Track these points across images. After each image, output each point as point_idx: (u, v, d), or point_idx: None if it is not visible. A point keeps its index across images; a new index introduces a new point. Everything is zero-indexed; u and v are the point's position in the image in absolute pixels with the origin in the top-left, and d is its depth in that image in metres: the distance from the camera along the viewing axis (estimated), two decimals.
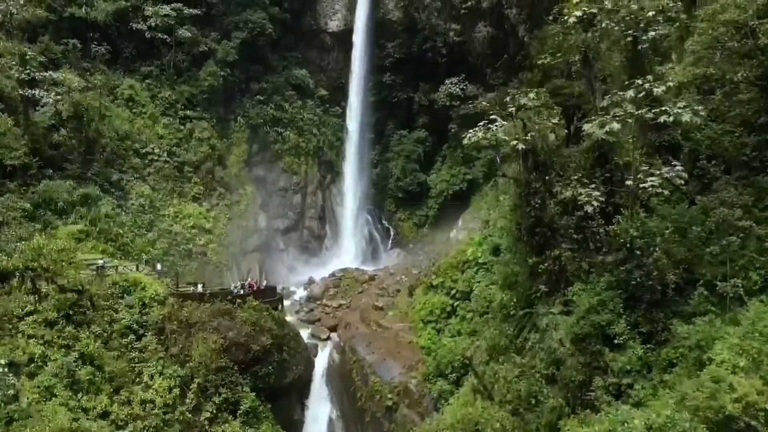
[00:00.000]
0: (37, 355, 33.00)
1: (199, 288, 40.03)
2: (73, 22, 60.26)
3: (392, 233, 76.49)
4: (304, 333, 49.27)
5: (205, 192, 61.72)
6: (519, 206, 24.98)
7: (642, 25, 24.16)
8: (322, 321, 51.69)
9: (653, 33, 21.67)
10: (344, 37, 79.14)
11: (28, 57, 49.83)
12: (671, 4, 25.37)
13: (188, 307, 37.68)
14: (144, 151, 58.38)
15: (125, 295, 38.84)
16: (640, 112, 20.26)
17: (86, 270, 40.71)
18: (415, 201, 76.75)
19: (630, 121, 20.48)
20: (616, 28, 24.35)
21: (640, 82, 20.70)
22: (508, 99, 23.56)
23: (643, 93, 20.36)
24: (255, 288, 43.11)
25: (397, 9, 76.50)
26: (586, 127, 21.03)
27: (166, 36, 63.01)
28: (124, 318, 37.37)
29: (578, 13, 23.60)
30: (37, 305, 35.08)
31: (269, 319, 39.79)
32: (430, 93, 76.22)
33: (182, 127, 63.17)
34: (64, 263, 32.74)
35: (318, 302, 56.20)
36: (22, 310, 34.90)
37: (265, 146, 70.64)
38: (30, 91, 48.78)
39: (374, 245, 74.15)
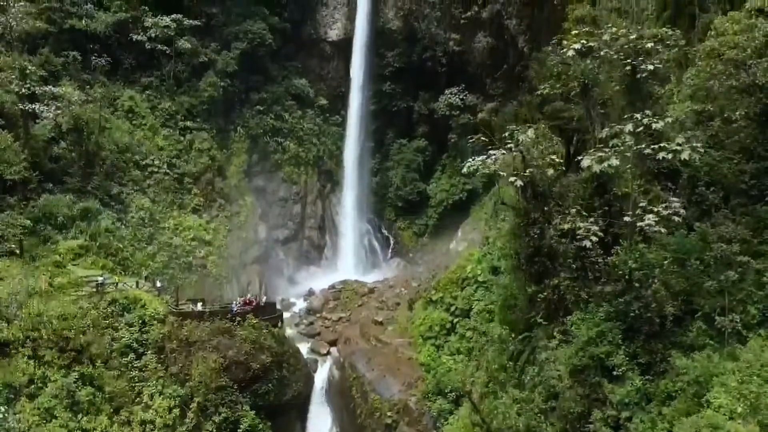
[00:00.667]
0: (37, 377, 33.08)
1: (199, 306, 40.07)
2: (73, 34, 60.22)
3: (392, 242, 76.62)
4: (304, 347, 49.36)
5: (205, 203, 61.75)
6: (517, 235, 25.03)
7: (641, 55, 24.23)
8: (322, 335, 51.76)
9: (652, 66, 21.71)
10: (344, 46, 79.24)
11: (28, 71, 49.77)
12: (670, 33, 25.47)
13: (188, 326, 37.74)
14: (144, 163, 58.38)
15: (125, 313, 38.94)
16: (639, 147, 20.32)
17: (86, 287, 41.08)
18: (414, 210, 76.91)
19: (628, 155, 20.53)
20: (615, 56, 24.39)
21: (638, 116, 20.75)
22: (506, 135, 23.59)
23: (642, 128, 20.41)
24: (255, 304, 43.07)
25: (396, 18, 76.58)
26: (585, 161, 21.11)
27: (165, 47, 63.02)
28: (124, 337, 37.48)
29: (577, 46, 23.65)
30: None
31: (269, 336, 39.82)
32: (429, 102, 76.41)
33: (182, 138, 63.18)
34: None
35: (318, 315, 56.28)
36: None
37: (265, 156, 70.70)
38: (30, 105, 48.71)
39: (374, 255, 74.26)
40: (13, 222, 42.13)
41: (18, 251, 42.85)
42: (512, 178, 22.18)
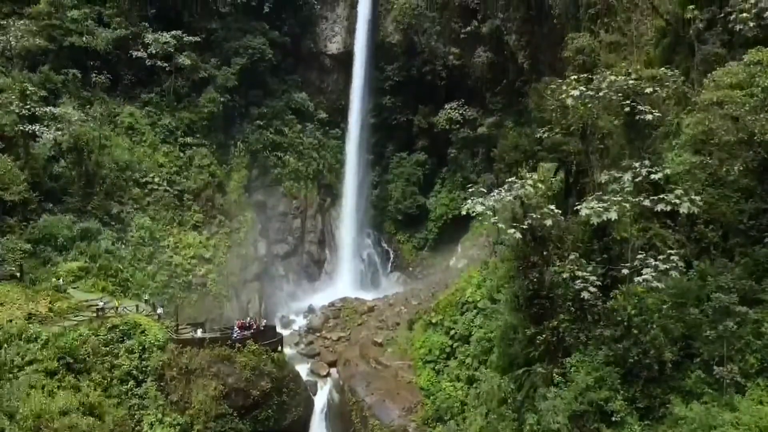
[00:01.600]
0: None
1: (199, 333, 40.11)
2: (73, 51, 60.24)
3: (392, 256, 76.65)
4: (304, 368, 49.39)
5: (205, 220, 61.79)
6: (516, 276, 25.08)
7: (639, 96, 24.31)
8: (322, 356, 51.77)
9: (651, 116, 21.80)
10: (344, 60, 79.37)
11: (28, 92, 49.80)
12: (669, 74, 25.55)
13: (188, 353, 37.76)
14: (144, 180, 58.42)
15: (125, 339, 38.94)
16: (637, 199, 20.39)
17: (86, 311, 41.12)
18: (414, 224, 76.97)
19: (626, 205, 20.58)
20: (614, 97, 24.46)
21: (637, 165, 20.80)
22: (506, 186, 23.64)
23: (640, 178, 20.48)
24: (255, 327, 43.12)
25: (396, 32, 76.61)
26: (584, 211, 21.16)
27: (166, 64, 63.05)
28: (124, 364, 37.45)
29: (575, 93, 23.70)
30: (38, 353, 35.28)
31: (269, 362, 39.89)
32: (429, 116, 76.49)
33: (182, 154, 63.22)
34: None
35: (317, 334, 56.28)
36: (22, 359, 35.10)
37: (264, 171, 70.75)
38: (30, 126, 48.80)
39: (374, 269, 74.29)
40: (13, 246, 42.16)
41: (18, 274, 42.92)
42: (511, 230, 22.24)
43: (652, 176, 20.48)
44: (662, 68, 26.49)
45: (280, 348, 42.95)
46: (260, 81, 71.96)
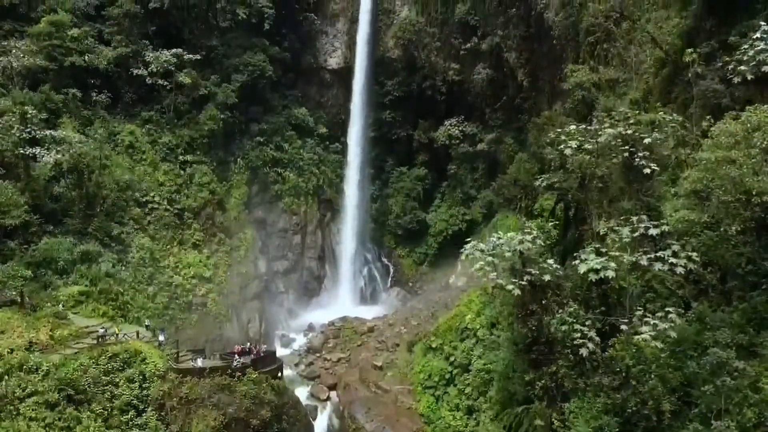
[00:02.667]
0: None
1: (199, 363, 40.13)
2: (74, 70, 60.30)
3: (392, 270, 76.77)
4: (304, 391, 49.47)
5: (205, 238, 61.90)
6: (515, 324, 25.17)
7: (638, 142, 24.41)
8: (322, 378, 51.83)
9: (649, 170, 21.94)
10: (344, 74, 79.55)
11: (29, 116, 49.89)
12: (668, 118, 25.65)
13: (188, 383, 37.78)
14: (144, 199, 58.56)
15: (126, 368, 39.00)
16: (635, 258, 20.50)
17: (87, 338, 41.22)
18: (414, 238, 77.08)
19: (624, 260, 20.70)
20: (613, 142, 24.57)
21: (635, 220, 20.92)
22: (504, 242, 23.72)
23: (639, 233, 20.59)
24: (255, 352, 43.20)
25: (396, 47, 76.71)
26: (582, 267, 21.28)
27: (166, 82, 63.08)
28: (124, 393, 37.48)
29: (574, 144, 23.81)
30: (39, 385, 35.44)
31: (269, 390, 39.86)
32: (429, 131, 76.65)
33: (182, 172, 63.32)
34: None
35: (317, 354, 56.36)
36: (23, 391, 35.22)
37: (265, 187, 70.84)
38: (31, 150, 48.95)
39: (374, 284, 74.44)
40: (14, 273, 42.25)
41: (19, 299, 43.03)
42: (510, 286, 22.36)
43: (650, 232, 20.61)
44: (661, 112, 26.59)
45: (280, 374, 42.99)
46: (260, 97, 72.06)
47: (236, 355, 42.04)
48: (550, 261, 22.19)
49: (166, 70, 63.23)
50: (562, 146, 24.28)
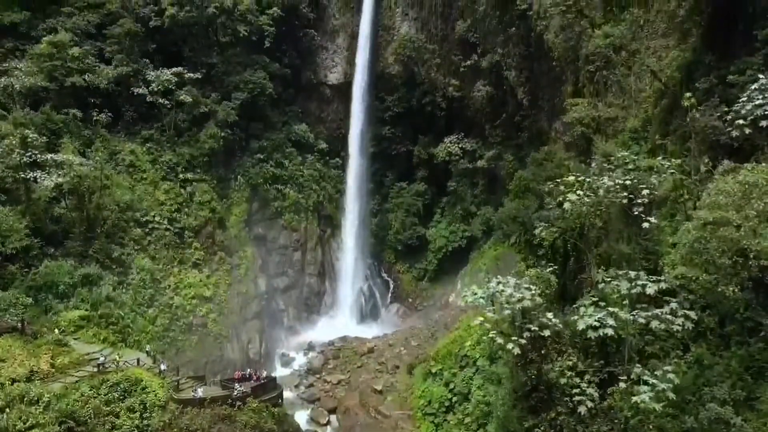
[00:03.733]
0: None
1: (200, 392, 40.18)
2: (75, 89, 60.38)
3: (392, 286, 76.92)
4: (304, 415, 49.58)
5: (206, 257, 62.01)
6: (514, 371, 25.27)
7: (636, 189, 24.54)
8: (322, 401, 51.92)
9: (647, 224, 22.08)
10: (344, 90, 79.73)
11: (29, 140, 50.02)
12: (666, 164, 25.78)
13: (189, 413, 37.88)
14: (145, 219, 58.69)
15: (126, 397, 39.07)
16: (632, 315, 20.64)
17: (88, 366, 41.32)
18: (414, 253, 77.24)
19: (622, 317, 20.82)
20: (612, 191, 24.68)
21: (633, 275, 21.07)
22: (501, 290, 23.89)
23: (637, 290, 20.72)
24: (255, 379, 43.33)
25: (396, 63, 76.86)
26: (580, 324, 21.40)
27: (167, 101, 63.19)
28: (125, 424, 37.49)
29: (573, 198, 23.94)
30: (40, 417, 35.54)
31: (269, 418, 39.94)
32: (429, 146, 76.85)
33: (182, 190, 63.44)
34: None
35: (317, 376, 56.46)
36: (24, 424, 35.29)
37: (265, 204, 70.97)
38: (32, 174, 49.09)
39: (373, 300, 74.62)
40: (14, 301, 42.34)
41: (20, 326, 43.16)
42: (510, 345, 22.50)
43: (648, 291, 20.78)
44: (659, 158, 26.76)
45: (280, 401, 43.10)
46: (260, 113, 72.26)
47: (236, 383, 42.16)
48: (550, 315, 22.34)
49: (167, 88, 63.37)
50: (561, 198, 24.49)
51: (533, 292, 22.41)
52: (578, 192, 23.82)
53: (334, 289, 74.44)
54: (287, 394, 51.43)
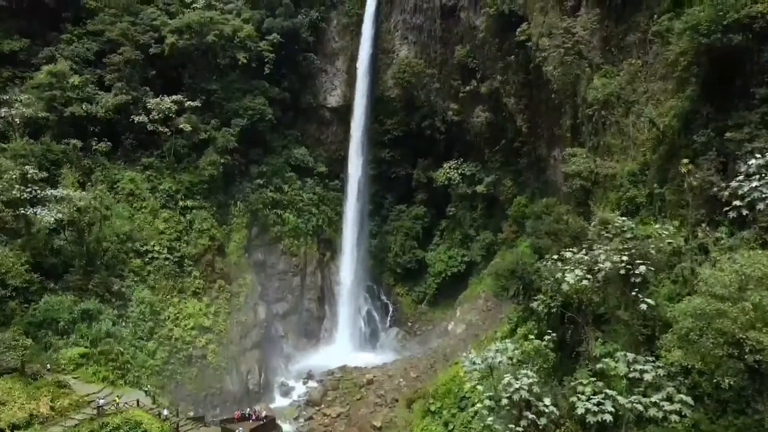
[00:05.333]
0: None
1: None
2: (74, 118, 60.46)
3: (391, 309, 76.98)
4: None
5: (205, 285, 62.04)
6: None
7: (634, 259, 24.66)
8: None
9: (645, 305, 22.23)
10: (343, 112, 79.89)
11: (29, 176, 50.10)
12: (664, 234, 25.88)
13: None
14: (144, 249, 58.75)
15: None
16: (630, 401, 20.75)
17: (87, 408, 41.42)
18: (413, 276, 77.29)
19: (621, 401, 20.94)
20: (610, 263, 24.79)
21: (630, 358, 21.20)
22: (499, 361, 23.98)
23: (634, 374, 20.84)
24: (254, 417, 43.47)
25: (396, 87, 76.93)
26: (579, 409, 21.49)
27: (167, 129, 63.25)
28: None
29: (571, 279, 24.05)
30: None
31: None
32: (428, 169, 76.98)
33: (182, 218, 63.47)
34: None
35: (317, 408, 56.48)
36: None
37: (264, 229, 71.08)
38: (32, 210, 49.18)
39: (373, 324, 74.74)
40: (14, 343, 42.42)
41: (20, 365, 43.24)
42: None
43: (645, 377, 20.94)
44: (657, 226, 26.86)
45: None
46: (260, 138, 72.41)
47: (236, 423, 42.33)
48: (547, 401, 22.42)
49: (167, 116, 63.43)
50: (558, 275, 24.62)
51: (531, 380, 22.49)
52: (576, 272, 23.94)
53: (334, 314, 74.53)
54: (286, 427, 51.62)
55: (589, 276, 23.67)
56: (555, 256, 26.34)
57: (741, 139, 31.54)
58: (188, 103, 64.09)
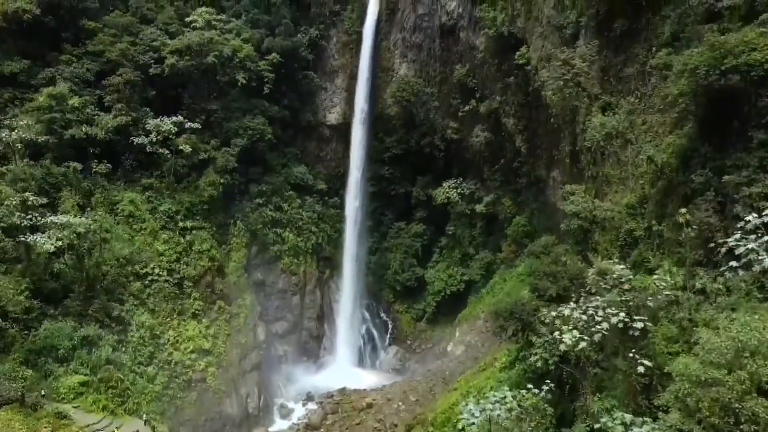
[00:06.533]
0: None
1: None
2: (74, 141, 60.54)
3: (390, 327, 77.06)
4: None
5: (205, 306, 62.13)
6: None
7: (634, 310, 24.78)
8: None
9: (641, 367, 22.32)
10: (343, 130, 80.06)
11: (29, 203, 50.21)
12: (661, 286, 26.02)
13: None
14: (144, 271, 58.83)
15: None
16: None
17: None
18: (413, 294, 77.36)
19: None
20: (607, 325, 24.92)
21: (628, 420, 21.32)
22: (498, 414, 24.13)
23: None
24: None
25: (395, 105, 77.00)
26: None
27: (167, 151, 63.32)
28: None
29: (568, 340, 24.19)
30: None
31: None
32: (427, 187, 77.10)
33: (182, 239, 63.52)
34: None
35: None
36: None
37: (264, 248, 71.17)
38: (32, 237, 49.23)
39: (372, 342, 74.89)
40: (14, 374, 42.49)
41: (20, 395, 43.30)
42: None
43: None
44: (655, 277, 27.03)
45: None
46: (260, 157, 72.46)
47: None
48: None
49: (166, 136, 63.49)
50: (556, 334, 24.77)
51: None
52: (574, 332, 24.07)
53: (333, 332, 74.64)
54: None
55: (586, 338, 23.78)
56: (553, 313, 26.52)
57: (739, 183, 31.68)
58: (188, 124, 64.08)
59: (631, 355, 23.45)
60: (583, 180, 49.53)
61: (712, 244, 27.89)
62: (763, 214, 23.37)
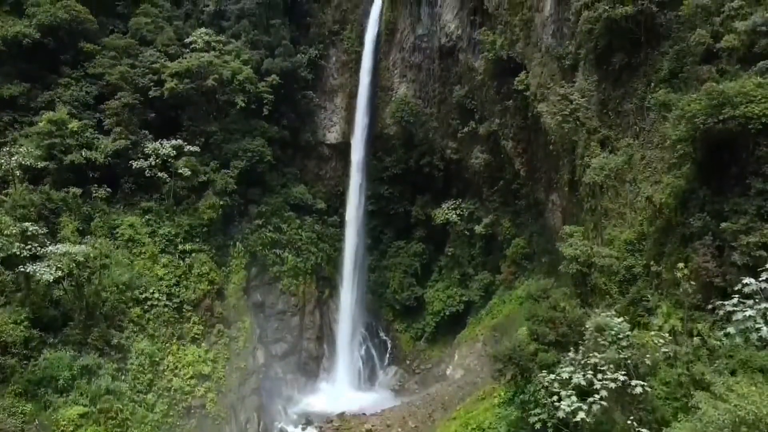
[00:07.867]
0: None
1: None
2: (74, 165, 60.55)
3: (389, 346, 77.17)
4: None
5: (204, 330, 62.11)
6: None
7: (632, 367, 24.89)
8: None
9: None
10: (342, 149, 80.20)
11: (29, 233, 50.23)
12: (660, 342, 26.15)
13: None
14: (143, 296, 58.79)
15: None
16: None
17: None
18: (412, 313, 77.49)
19: None
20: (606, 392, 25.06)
21: None
22: None
23: None
24: None
25: (394, 124, 77.09)
26: None
27: (166, 175, 63.34)
28: None
29: (566, 407, 24.32)
30: None
31: None
32: (427, 207, 77.23)
33: (181, 262, 63.50)
34: None
35: None
36: None
37: (263, 269, 71.21)
38: (32, 267, 49.24)
39: (371, 363, 74.96)
40: (13, 410, 42.61)
41: (20, 430, 43.38)
42: None
43: None
44: (653, 334, 27.20)
45: None
46: (259, 178, 72.53)
47: None
48: None
49: (165, 161, 63.55)
50: (554, 399, 24.90)
51: None
52: (573, 399, 24.21)
53: (333, 353, 74.70)
54: None
55: (584, 407, 23.91)
56: (552, 376, 26.64)
57: (737, 230, 31.85)
58: (188, 147, 64.14)
59: (629, 422, 23.55)
60: (582, 211, 49.77)
61: (711, 303, 27.99)
62: (760, 279, 23.45)
